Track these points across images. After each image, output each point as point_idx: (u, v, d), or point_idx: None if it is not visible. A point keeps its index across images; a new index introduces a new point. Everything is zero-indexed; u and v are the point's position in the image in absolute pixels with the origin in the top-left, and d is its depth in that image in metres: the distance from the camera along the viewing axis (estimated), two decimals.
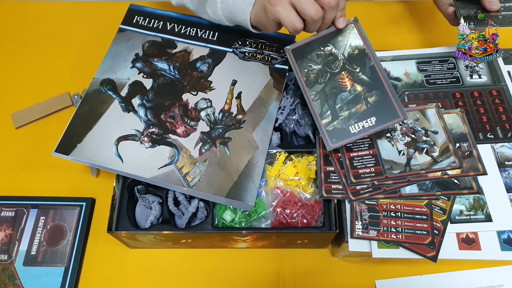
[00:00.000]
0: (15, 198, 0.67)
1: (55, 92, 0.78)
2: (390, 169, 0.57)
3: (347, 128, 0.53)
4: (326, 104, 0.53)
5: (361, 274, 0.62)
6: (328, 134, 0.53)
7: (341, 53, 0.55)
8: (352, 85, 0.54)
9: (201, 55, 0.68)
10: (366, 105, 0.53)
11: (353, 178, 0.57)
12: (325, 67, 0.55)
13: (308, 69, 0.55)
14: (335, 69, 0.54)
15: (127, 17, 0.72)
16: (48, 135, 0.73)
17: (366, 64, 0.54)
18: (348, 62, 0.55)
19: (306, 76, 0.55)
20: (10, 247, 0.64)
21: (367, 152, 0.59)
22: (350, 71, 0.54)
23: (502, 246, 0.56)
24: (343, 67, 0.55)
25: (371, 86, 0.54)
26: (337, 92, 0.54)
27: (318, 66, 0.55)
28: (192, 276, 0.63)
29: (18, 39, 0.85)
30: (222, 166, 0.58)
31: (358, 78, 0.54)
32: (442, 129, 0.59)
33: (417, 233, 0.55)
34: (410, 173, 0.57)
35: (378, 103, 0.53)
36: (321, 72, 0.55)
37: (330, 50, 0.55)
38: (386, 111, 0.52)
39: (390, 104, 0.52)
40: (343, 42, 0.55)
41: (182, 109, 0.63)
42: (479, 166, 0.58)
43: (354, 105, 0.53)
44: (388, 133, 0.59)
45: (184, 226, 0.62)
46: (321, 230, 0.59)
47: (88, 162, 0.59)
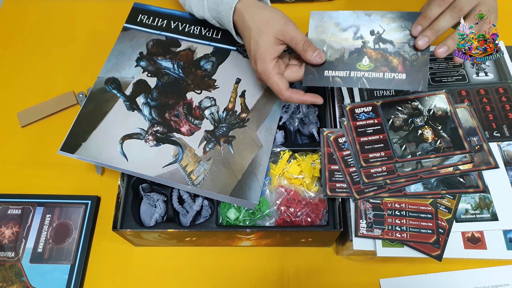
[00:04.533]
0: (21, 196, 0.68)
1: (60, 91, 0.78)
2: (401, 167, 0.57)
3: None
4: (407, 149, 0.58)
5: (365, 273, 0.62)
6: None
7: (426, 110, 0.61)
8: (433, 138, 0.59)
9: (205, 54, 0.68)
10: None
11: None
12: (411, 118, 0.61)
13: (395, 115, 0.61)
14: (419, 122, 0.60)
15: (131, 16, 0.72)
16: (53, 134, 0.74)
17: (447, 124, 0.60)
18: (431, 119, 0.61)
19: (391, 121, 0.61)
20: (17, 244, 0.64)
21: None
22: (433, 127, 0.59)
23: (508, 245, 0.55)
24: (426, 122, 0.60)
25: (450, 144, 0.59)
26: (419, 142, 0.59)
27: (404, 116, 0.60)
28: (196, 274, 0.63)
29: (23, 39, 0.85)
30: (226, 164, 0.58)
31: (439, 134, 0.59)
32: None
33: (422, 232, 0.55)
34: (422, 170, 0.57)
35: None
36: (406, 121, 0.60)
37: (416, 105, 0.62)
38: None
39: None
40: (429, 101, 0.62)
41: (186, 107, 0.63)
42: (490, 160, 0.58)
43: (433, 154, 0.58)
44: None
45: (188, 224, 0.62)
46: (325, 228, 0.59)
47: (93, 161, 0.59)
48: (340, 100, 0.66)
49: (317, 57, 0.55)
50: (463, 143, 0.58)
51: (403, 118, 0.61)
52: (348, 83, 0.56)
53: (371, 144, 0.59)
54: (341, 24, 0.58)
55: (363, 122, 0.61)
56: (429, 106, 0.62)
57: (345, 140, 0.61)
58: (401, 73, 0.55)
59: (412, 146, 0.59)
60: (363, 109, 0.63)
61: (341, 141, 0.61)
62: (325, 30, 0.58)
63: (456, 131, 0.59)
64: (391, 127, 0.60)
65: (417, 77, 0.54)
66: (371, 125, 0.61)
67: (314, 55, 0.55)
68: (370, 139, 0.60)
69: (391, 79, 0.55)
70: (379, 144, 0.59)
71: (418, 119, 0.61)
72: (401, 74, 0.55)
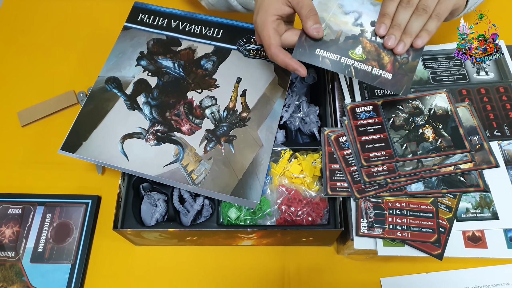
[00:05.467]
0: (22, 196, 0.68)
1: (60, 90, 0.78)
2: (402, 166, 0.57)
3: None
4: (408, 148, 0.58)
5: (366, 272, 0.62)
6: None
7: (427, 109, 0.61)
8: (434, 138, 0.58)
9: (205, 53, 0.68)
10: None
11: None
12: (412, 117, 0.61)
13: (396, 115, 0.61)
14: (420, 121, 0.60)
15: (132, 15, 0.72)
16: (54, 133, 0.74)
17: (448, 123, 0.60)
18: (432, 118, 0.60)
19: (392, 120, 0.60)
20: (17, 244, 0.64)
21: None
22: (433, 126, 0.59)
23: (509, 244, 0.55)
24: (427, 121, 0.60)
25: (451, 143, 0.59)
26: (420, 141, 0.59)
27: (404, 115, 0.60)
28: (197, 273, 0.63)
29: (23, 38, 0.85)
30: (227, 164, 0.58)
31: (440, 133, 0.59)
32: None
33: (422, 231, 0.55)
34: (423, 169, 0.57)
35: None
36: (407, 120, 0.60)
37: (417, 104, 0.62)
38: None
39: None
40: (430, 101, 0.62)
41: (187, 107, 0.63)
42: (491, 159, 0.58)
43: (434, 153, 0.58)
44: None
45: (189, 223, 0.62)
46: (326, 228, 0.59)
47: (93, 160, 0.59)
48: (341, 99, 0.66)
49: (315, 30, 0.53)
50: (464, 142, 0.58)
51: (404, 117, 0.61)
52: (336, 67, 0.54)
53: (372, 143, 0.59)
54: (344, 6, 0.57)
55: (364, 121, 0.61)
56: (430, 105, 0.62)
57: (345, 139, 0.61)
58: (388, 72, 0.54)
59: (413, 145, 0.59)
60: (364, 108, 0.63)
61: (342, 140, 0.61)
62: (327, 8, 0.57)
63: (456, 130, 0.60)
64: (391, 126, 0.61)
65: (402, 80, 0.54)
66: (371, 124, 0.61)
67: (313, 26, 0.53)
68: (371, 138, 0.60)
69: (377, 76, 0.54)
70: (380, 143, 0.59)
71: (418, 118, 0.61)
72: (388, 73, 0.54)
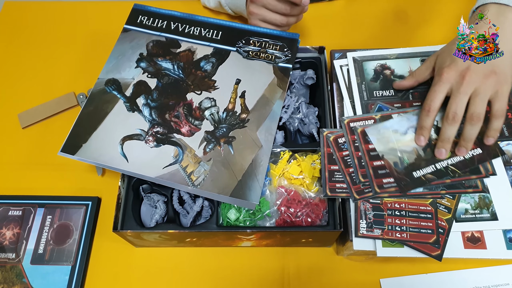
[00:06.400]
0: (22, 198, 0.68)
1: (60, 92, 0.78)
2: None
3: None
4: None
5: (365, 273, 0.62)
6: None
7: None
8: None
9: (205, 54, 0.68)
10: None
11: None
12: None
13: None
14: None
15: (131, 17, 0.72)
16: (54, 135, 0.74)
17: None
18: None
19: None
20: (17, 245, 0.65)
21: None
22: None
23: (508, 245, 0.55)
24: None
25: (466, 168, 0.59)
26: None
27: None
28: (197, 274, 0.64)
29: (23, 40, 0.85)
30: (226, 165, 0.58)
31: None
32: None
33: (422, 232, 0.55)
34: (431, 192, 0.57)
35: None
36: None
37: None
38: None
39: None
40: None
41: (187, 108, 0.63)
42: (488, 166, 0.58)
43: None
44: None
45: (189, 225, 0.62)
46: (325, 229, 0.59)
47: (93, 162, 0.60)
48: (340, 100, 0.66)
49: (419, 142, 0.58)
50: (479, 167, 0.58)
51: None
52: (440, 175, 0.57)
53: (384, 168, 0.58)
54: (398, 130, 0.60)
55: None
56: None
57: (344, 140, 0.61)
58: (474, 149, 0.58)
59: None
60: (363, 122, 0.62)
61: (340, 141, 0.61)
62: (388, 139, 0.60)
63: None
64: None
65: (489, 147, 0.58)
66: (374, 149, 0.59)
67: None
68: (383, 163, 0.58)
69: (472, 158, 0.58)
70: (386, 169, 0.58)
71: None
72: (475, 150, 0.58)
